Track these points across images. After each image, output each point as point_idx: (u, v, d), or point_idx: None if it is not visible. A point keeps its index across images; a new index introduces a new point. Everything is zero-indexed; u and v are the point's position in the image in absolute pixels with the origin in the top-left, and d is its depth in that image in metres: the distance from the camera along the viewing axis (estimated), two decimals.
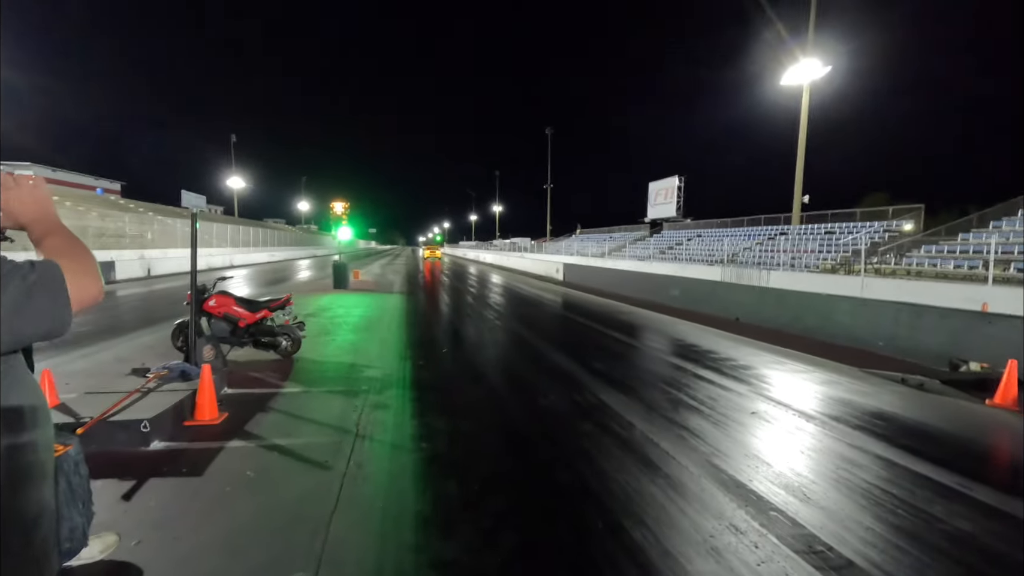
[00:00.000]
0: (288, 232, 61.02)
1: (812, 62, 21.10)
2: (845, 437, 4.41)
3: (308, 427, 4.42)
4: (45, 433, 1.02)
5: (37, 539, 0.96)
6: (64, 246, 1.11)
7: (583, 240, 42.14)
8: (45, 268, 0.96)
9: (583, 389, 5.72)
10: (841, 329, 8.84)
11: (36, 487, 0.97)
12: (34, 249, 1.10)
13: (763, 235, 23.09)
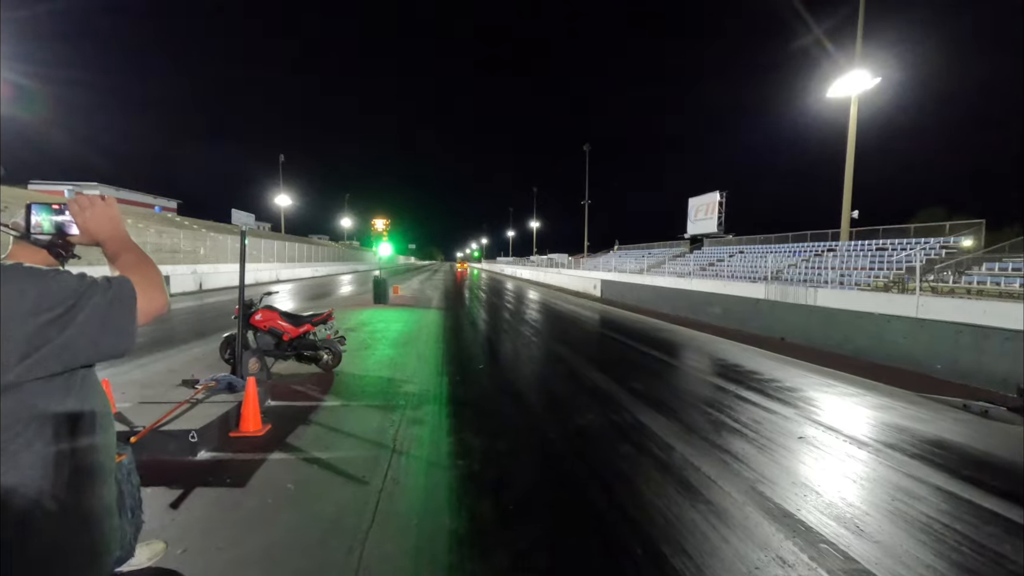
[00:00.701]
0: (331, 248, 62.77)
1: (860, 73, 20.48)
2: (901, 466, 4.17)
3: (347, 441, 4.48)
4: (111, 437, 1.13)
5: (100, 537, 1.04)
6: (135, 261, 1.20)
7: (621, 256, 41.74)
8: (120, 284, 1.05)
9: (621, 409, 5.62)
10: (895, 350, 8.41)
11: (103, 487, 1.07)
12: (108, 264, 1.20)
13: (809, 251, 22.34)
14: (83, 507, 1.01)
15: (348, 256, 64.85)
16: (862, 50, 20.72)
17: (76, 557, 0.99)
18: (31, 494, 0.91)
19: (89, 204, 1.23)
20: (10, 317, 0.87)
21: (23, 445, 0.90)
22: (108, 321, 1.00)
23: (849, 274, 17.83)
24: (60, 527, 0.96)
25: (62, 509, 0.96)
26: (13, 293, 0.89)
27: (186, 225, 38.40)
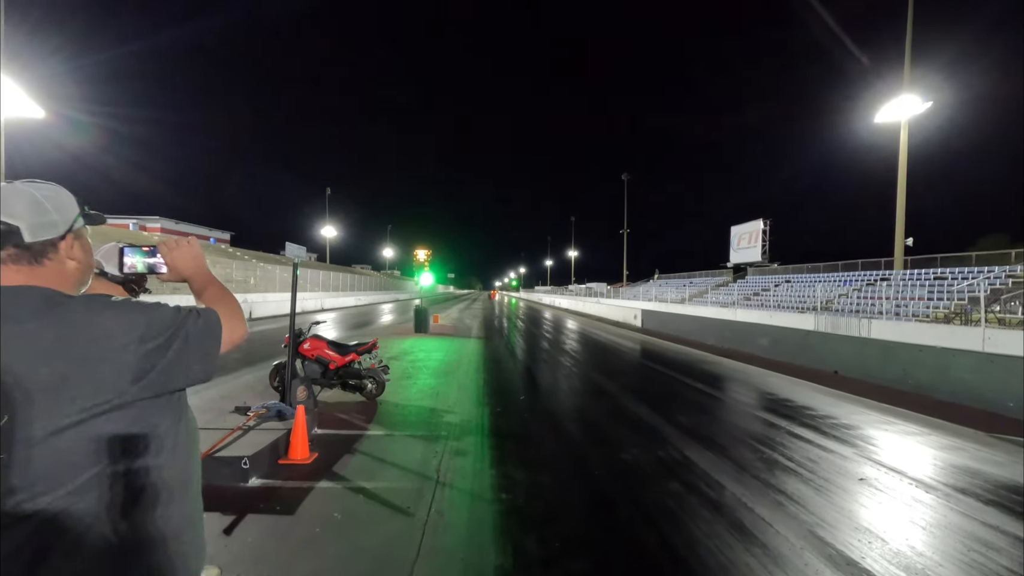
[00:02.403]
0: (373, 277, 64.31)
1: (909, 98, 19.94)
2: (975, 513, 3.89)
3: (391, 471, 4.52)
4: (199, 451, 1.24)
5: (176, 552, 1.09)
6: (219, 295, 1.33)
7: (662, 286, 41.13)
8: (208, 315, 1.16)
9: (667, 444, 5.47)
10: (961, 387, 7.90)
11: (198, 494, 1.19)
12: (194, 297, 1.33)
13: (861, 281, 21.47)
14: (186, 512, 1.12)
15: (389, 285, 66.26)
16: (911, 74, 20.21)
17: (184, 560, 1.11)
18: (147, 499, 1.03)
19: (176, 245, 1.35)
20: (125, 344, 0.99)
21: (137, 456, 1.02)
22: (200, 348, 1.11)
23: (905, 305, 17.00)
24: (169, 530, 1.07)
25: (170, 514, 1.07)
26: (126, 323, 1.01)
27: (238, 256, 40.19)
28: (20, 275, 1.03)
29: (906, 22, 20.12)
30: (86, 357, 0.96)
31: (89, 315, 1.00)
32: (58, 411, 0.93)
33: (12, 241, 1.01)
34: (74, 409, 0.94)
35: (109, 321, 1.00)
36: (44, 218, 1.06)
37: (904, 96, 20.10)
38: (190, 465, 1.16)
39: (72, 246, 1.12)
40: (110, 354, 0.98)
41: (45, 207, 1.07)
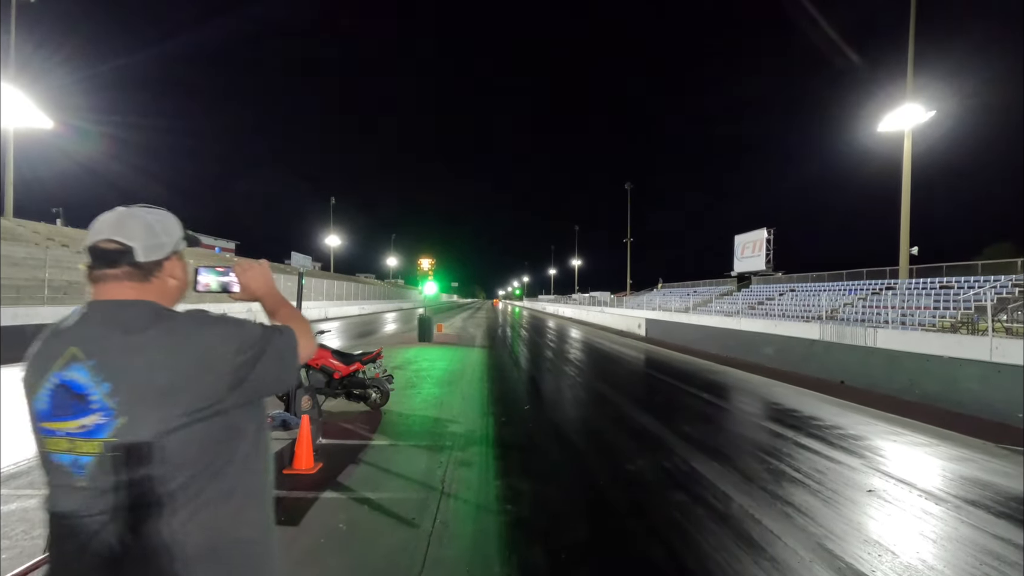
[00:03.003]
0: (377, 286, 64.42)
1: (913, 107, 19.97)
2: (986, 525, 3.84)
3: (395, 481, 4.50)
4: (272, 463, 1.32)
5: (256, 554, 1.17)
6: (292, 314, 1.41)
7: (665, 294, 41.06)
8: (287, 332, 1.25)
9: (672, 455, 5.43)
10: (969, 397, 7.84)
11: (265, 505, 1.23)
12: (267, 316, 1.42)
13: (866, 290, 21.38)
14: (264, 517, 1.21)
15: (393, 294, 66.32)
16: (914, 83, 20.26)
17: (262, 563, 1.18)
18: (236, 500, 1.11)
19: (249, 267, 1.44)
20: (224, 355, 1.10)
21: (229, 458, 1.11)
22: (282, 361, 1.20)
23: (911, 314, 16.92)
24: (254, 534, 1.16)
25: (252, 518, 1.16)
26: (224, 336, 1.12)
27: None
28: (132, 291, 1.14)
29: (910, 32, 20.19)
30: (192, 366, 1.06)
31: (193, 328, 1.11)
32: (168, 414, 1.02)
33: (127, 260, 1.14)
34: (181, 412, 1.03)
35: (210, 334, 1.11)
36: (154, 240, 1.18)
37: (907, 105, 20.12)
38: (267, 471, 1.24)
39: (174, 266, 1.24)
40: (212, 364, 1.08)
41: (156, 230, 1.19)
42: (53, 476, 1.03)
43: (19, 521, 3.55)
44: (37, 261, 18.46)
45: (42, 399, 1.05)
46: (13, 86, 23.70)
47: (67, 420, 1.02)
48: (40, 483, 4.21)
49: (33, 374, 1.08)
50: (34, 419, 1.06)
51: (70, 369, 1.04)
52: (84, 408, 1.01)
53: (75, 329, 1.08)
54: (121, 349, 1.04)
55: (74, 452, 1.01)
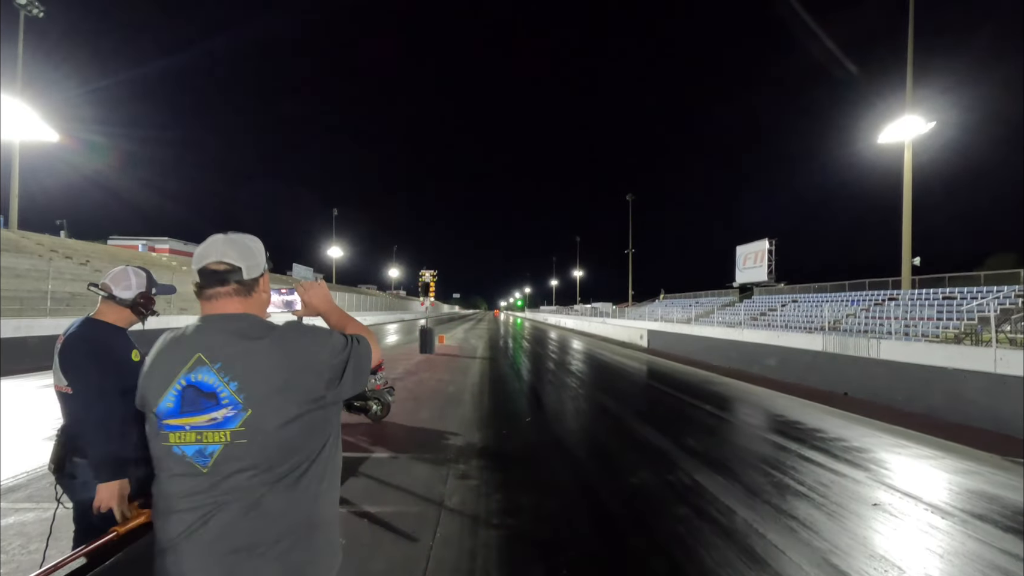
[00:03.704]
0: (379, 297, 64.48)
1: (912, 118, 20.06)
2: (993, 540, 3.79)
3: (396, 495, 4.46)
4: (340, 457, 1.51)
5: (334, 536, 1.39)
6: (359, 327, 1.59)
7: (667, 305, 41.00)
8: (363, 341, 1.46)
9: (676, 468, 5.39)
10: (973, 409, 7.78)
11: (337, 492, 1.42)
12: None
13: (868, 300, 21.33)
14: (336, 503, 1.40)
15: (395, 305, 66.37)
16: (914, 95, 20.36)
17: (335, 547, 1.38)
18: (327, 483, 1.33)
19: (310, 287, 1.63)
20: (322, 359, 1.31)
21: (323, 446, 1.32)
22: (360, 366, 1.40)
23: (914, 325, 16.85)
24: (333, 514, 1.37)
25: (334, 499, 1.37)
26: (320, 343, 1.34)
27: None
28: (240, 305, 1.35)
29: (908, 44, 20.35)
30: (301, 368, 1.27)
31: (298, 336, 1.32)
32: (285, 408, 1.23)
33: (235, 279, 1.34)
34: (294, 406, 1.24)
35: (310, 341, 1.33)
36: (254, 261, 1.40)
37: (907, 116, 20.22)
38: (340, 459, 1.43)
39: (265, 283, 1.46)
40: (314, 366, 1.29)
41: (253, 252, 1.40)
42: (174, 466, 1.22)
43: (16, 535, 3.53)
44: (40, 273, 18.54)
45: (169, 399, 1.23)
46: (19, 99, 23.97)
47: (196, 415, 1.21)
48: (39, 497, 4.20)
49: (158, 380, 1.26)
50: (156, 419, 1.24)
51: (198, 371, 1.23)
52: (214, 404, 1.21)
53: (195, 338, 1.27)
54: (243, 354, 1.25)
55: (202, 443, 1.21)
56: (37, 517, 3.82)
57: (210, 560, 1.17)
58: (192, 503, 1.20)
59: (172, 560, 1.20)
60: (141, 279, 2.24)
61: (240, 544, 1.18)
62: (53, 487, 2.10)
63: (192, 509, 1.19)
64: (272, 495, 1.21)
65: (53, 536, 2.28)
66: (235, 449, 1.20)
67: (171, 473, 1.23)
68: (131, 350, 2.17)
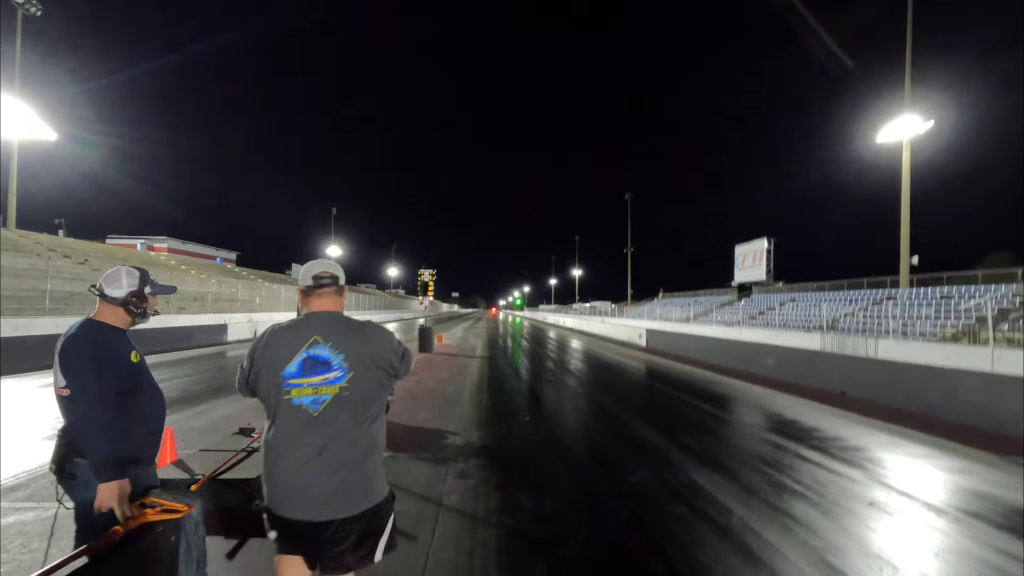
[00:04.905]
0: (378, 296, 64.50)
1: (911, 117, 20.08)
2: (988, 538, 3.81)
3: (396, 494, 4.47)
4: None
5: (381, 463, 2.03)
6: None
7: (666, 304, 41.02)
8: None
9: (673, 467, 5.41)
10: (970, 408, 7.80)
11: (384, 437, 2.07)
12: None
13: (867, 299, 21.36)
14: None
15: (394, 304, 66.37)
16: (912, 94, 20.39)
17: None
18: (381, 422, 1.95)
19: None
20: (391, 348, 1.97)
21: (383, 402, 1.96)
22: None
23: (912, 324, 16.88)
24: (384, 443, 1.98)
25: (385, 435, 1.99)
26: (389, 339, 2.01)
27: (244, 276, 40.43)
28: (336, 304, 2.02)
29: (907, 43, 20.37)
30: (381, 350, 1.92)
31: (378, 332, 2.00)
32: (373, 375, 1.88)
33: (336, 284, 2.01)
34: (377, 373, 1.90)
35: (384, 335, 2.00)
36: (341, 273, 2.04)
37: (905, 116, 20.24)
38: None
39: (346, 292, 2.11)
40: (387, 353, 1.94)
41: (340, 268, 2.04)
42: (292, 413, 1.78)
43: (17, 535, 3.54)
44: (39, 272, 18.52)
45: (293, 366, 1.79)
46: (17, 98, 23.91)
47: (314, 376, 1.78)
48: (39, 497, 4.21)
49: (283, 352, 1.82)
50: (282, 380, 1.79)
51: (315, 348, 1.82)
52: (327, 368, 1.80)
53: (310, 325, 1.88)
54: (346, 336, 1.87)
55: (317, 395, 1.77)
56: (37, 517, 3.83)
57: (326, 473, 1.75)
58: (308, 437, 1.76)
59: (294, 478, 1.75)
60: (133, 278, 2.24)
61: (344, 462, 1.77)
62: (54, 487, 2.11)
63: (310, 443, 1.76)
64: (360, 429, 1.82)
65: (54, 536, 2.30)
66: (340, 399, 1.79)
67: (288, 419, 1.78)
68: (130, 351, 2.18)
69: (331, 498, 1.75)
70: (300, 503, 1.75)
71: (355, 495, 1.80)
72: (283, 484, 1.76)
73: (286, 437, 1.77)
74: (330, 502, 1.75)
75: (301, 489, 1.74)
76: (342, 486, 1.77)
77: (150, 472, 2.27)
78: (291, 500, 1.76)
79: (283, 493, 1.76)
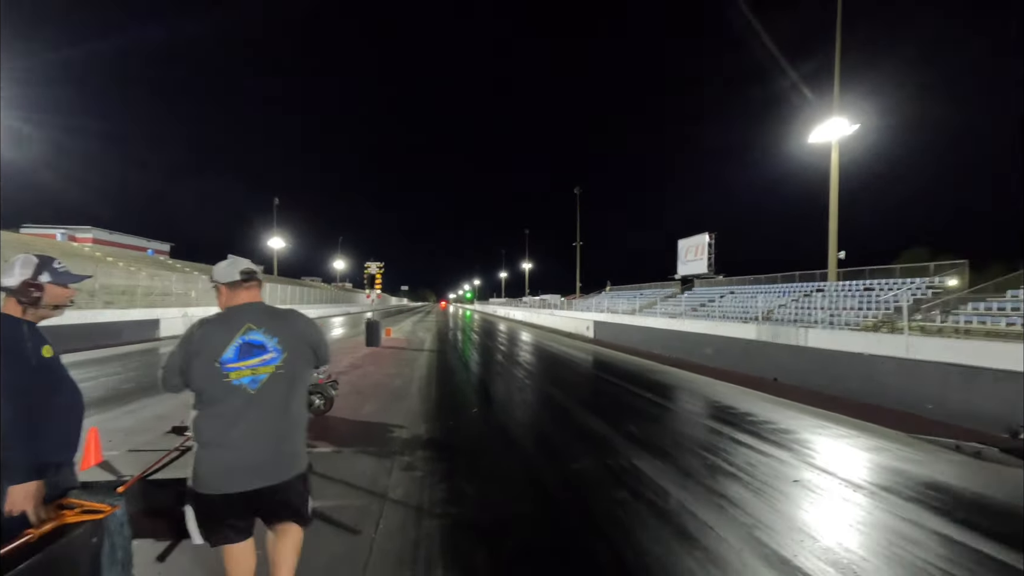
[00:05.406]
0: (324, 290, 62.74)
1: (839, 120, 21.33)
2: (898, 510, 4.15)
3: (338, 488, 4.41)
4: None
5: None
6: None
7: (613, 297, 41.99)
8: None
9: (616, 453, 5.58)
10: (887, 391, 8.44)
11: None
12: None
13: (799, 292, 22.62)
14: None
15: (341, 298, 64.74)
16: (841, 98, 21.64)
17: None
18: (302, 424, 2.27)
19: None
20: (314, 333, 2.31)
21: (307, 381, 2.26)
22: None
23: (838, 314, 18.02)
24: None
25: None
26: (312, 324, 2.34)
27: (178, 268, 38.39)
28: (258, 295, 2.25)
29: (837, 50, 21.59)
30: (307, 335, 2.24)
31: (300, 317, 2.31)
32: (303, 356, 2.19)
33: (256, 278, 2.24)
34: (306, 355, 2.21)
35: (308, 321, 2.33)
36: (255, 267, 2.25)
37: (834, 119, 21.49)
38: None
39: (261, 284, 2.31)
40: (313, 336, 2.28)
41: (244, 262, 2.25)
42: (231, 393, 1.95)
43: None
44: None
45: (230, 351, 1.97)
46: None
47: (251, 359, 1.99)
48: None
49: (218, 341, 1.98)
50: (220, 366, 1.95)
51: (250, 334, 2.02)
52: (263, 351, 2.02)
53: (241, 316, 2.07)
54: (277, 322, 2.12)
55: (255, 375, 1.98)
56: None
57: (265, 445, 2.00)
58: (252, 413, 1.98)
59: (235, 450, 1.95)
60: (29, 266, 2.04)
61: (282, 433, 2.06)
62: None
63: (253, 418, 1.98)
64: (293, 404, 2.10)
65: None
66: (276, 377, 2.03)
67: (230, 399, 1.95)
68: (41, 346, 2.04)
69: (275, 464, 2.03)
70: (249, 473, 1.96)
71: (293, 461, 2.12)
72: (230, 459, 1.93)
73: (229, 416, 1.95)
74: (275, 468, 2.02)
75: (250, 459, 1.96)
76: (282, 454, 2.05)
77: (68, 473, 2.14)
78: (240, 472, 1.95)
79: (231, 467, 1.93)
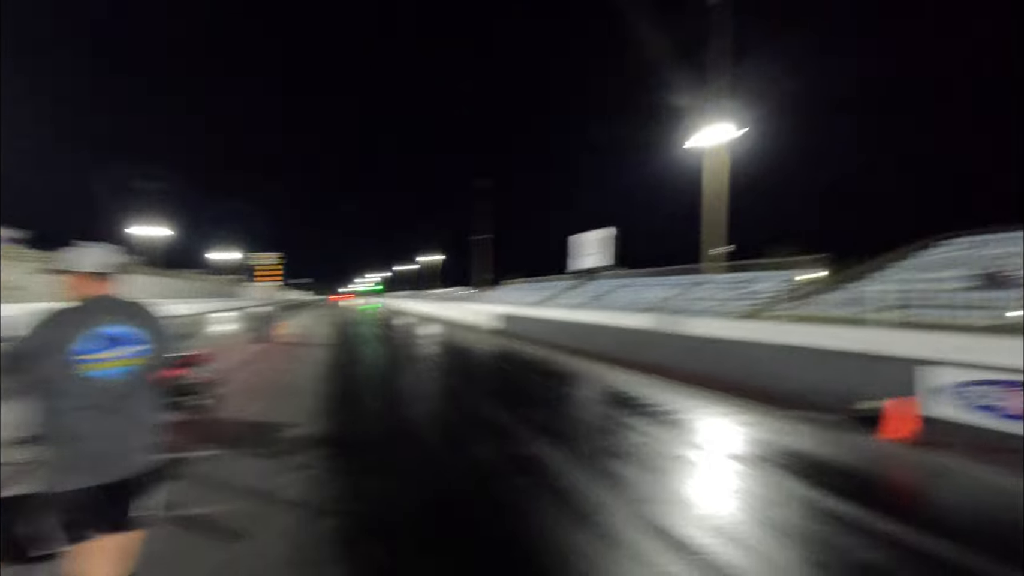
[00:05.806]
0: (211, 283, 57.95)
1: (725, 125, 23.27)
2: (768, 476, 4.64)
3: (224, 494, 4.10)
4: None
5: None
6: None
7: (520, 289, 42.70)
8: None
9: (517, 441, 5.70)
10: (759, 372, 9.35)
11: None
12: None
13: (687, 283, 24.38)
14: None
15: (227, 292, 60.15)
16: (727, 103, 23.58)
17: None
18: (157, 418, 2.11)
19: None
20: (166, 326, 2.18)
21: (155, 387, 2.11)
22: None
23: (721, 304, 19.67)
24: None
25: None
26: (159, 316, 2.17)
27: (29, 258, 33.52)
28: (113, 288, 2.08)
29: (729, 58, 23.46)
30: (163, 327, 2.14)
31: (154, 313, 2.15)
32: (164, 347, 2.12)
33: (123, 270, 2.13)
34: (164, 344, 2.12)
35: (163, 318, 2.17)
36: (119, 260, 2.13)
37: (719, 125, 23.37)
38: None
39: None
40: (167, 329, 2.18)
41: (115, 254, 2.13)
42: (86, 388, 1.81)
43: None
44: None
45: (80, 343, 1.81)
46: None
47: (109, 351, 1.87)
48: None
49: (69, 331, 1.82)
50: (70, 356, 1.78)
51: (112, 326, 1.91)
52: (125, 343, 1.92)
53: (100, 305, 1.96)
54: (137, 314, 2.06)
55: (116, 367, 1.88)
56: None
57: (135, 433, 1.95)
58: (119, 404, 1.88)
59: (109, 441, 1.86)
60: None
61: (146, 422, 2.00)
62: None
63: (121, 408, 1.88)
64: (152, 394, 2.06)
65: None
66: (140, 368, 1.97)
67: (87, 391, 1.81)
68: None
69: (141, 454, 1.97)
70: (117, 463, 1.89)
71: (155, 450, 2.07)
72: (98, 449, 1.84)
73: (91, 410, 1.83)
74: (141, 457, 1.97)
75: (117, 449, 1.89)
76: (147, 443, 2.01)
77: None
78: (108, 462, 1.86)
79: (98, 458, 1.84)
